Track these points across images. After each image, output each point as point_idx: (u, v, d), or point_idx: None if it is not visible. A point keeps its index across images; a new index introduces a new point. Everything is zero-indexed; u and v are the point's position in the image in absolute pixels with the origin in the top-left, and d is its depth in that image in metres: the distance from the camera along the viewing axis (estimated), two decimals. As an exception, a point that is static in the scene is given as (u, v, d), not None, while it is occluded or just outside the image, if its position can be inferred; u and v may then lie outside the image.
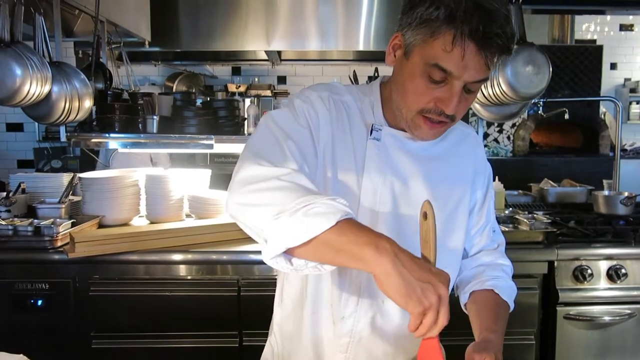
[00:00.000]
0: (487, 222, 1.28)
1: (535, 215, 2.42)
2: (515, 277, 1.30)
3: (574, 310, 2.13)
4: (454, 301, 1.28)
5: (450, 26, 0.96)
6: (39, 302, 2.00)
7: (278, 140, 1.05)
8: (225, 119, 2.58)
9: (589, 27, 5.54)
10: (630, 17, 5.45)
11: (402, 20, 1.05)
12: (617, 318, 2.14)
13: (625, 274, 2.13)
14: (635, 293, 2.15)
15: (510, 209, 2.62)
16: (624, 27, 5.57)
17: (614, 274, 2.13)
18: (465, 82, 1.01)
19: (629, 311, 2.15)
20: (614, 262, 2.15)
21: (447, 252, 1.22)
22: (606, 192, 2.71)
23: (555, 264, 2.13)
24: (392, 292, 0.84)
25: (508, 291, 1.22)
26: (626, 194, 2.54)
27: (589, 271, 2.13)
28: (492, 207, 1.31)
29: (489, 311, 1.16)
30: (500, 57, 1.01)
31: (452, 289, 1.29)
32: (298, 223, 0.86)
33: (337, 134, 1.14)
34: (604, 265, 2.15)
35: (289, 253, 0.88)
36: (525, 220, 2.31)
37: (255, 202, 0.93)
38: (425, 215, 0.93)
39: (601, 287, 2.15)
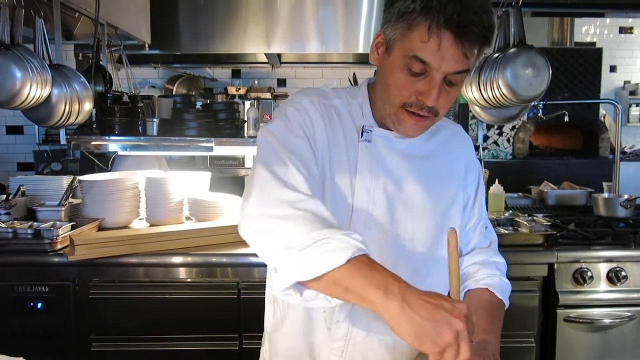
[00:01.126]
0: (480, 219, 1.28)
1: (535, 218, 2.42)
2: (515, 279, 1.30)
3: (574, 312, 2.13)
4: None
5: (426, 17, 0.97)
6: (39, 305, 2.00)
7: (282, 158, 1.04)
8: (225, 122, 2.59)
9: (588, 30, 5.54)
10: (630, 20, 5.45)
11: (384, 18, 1.07)
12: (617, 320, 2.14)
13: (625, 277, 2.13)
14: (635, 295, 2.15)
15: (510, 211, 2.62)
16: (623, 30, 5.57)
17: (614, 277, 2.13)
18: (444, 73, 1.01)
19: (629, 314, 2.15)
20: (614, 265, 2.14)
21: (445, 251, 1.22)
22: (606, 195, 2.71)
23: (555, 266, 2.13)
24: (404, 336, 0.82)
25: (503, 289, 1.22)
26: (626, 196, 2.54)
27: (589, 273, 2.12)
28: (484, 204, 1.31)
29: (484, 311, 1.16)
30: (481, 49, 1.02)
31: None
32: (309, 258, 0.87)
33: (331, 138, 1.14)
34: (604, 268, 2.15)
35: (301, 284, 0.90)
36: (525, 222, 2.31)
37: (269, 231, 0.94)
38: (448, 243, 0.91)
39: (601, 289, 2.15)
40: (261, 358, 1.35)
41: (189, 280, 2.05)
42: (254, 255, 2.02)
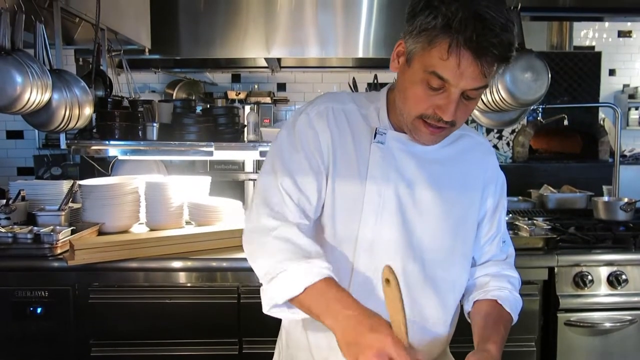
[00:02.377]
0: (498, 232, 1.28)
1: (535, 222, 2.41)
2: (516, 283, 1.30)
3: (574, 316, 2.13)
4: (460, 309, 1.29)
5: (447, 35, 0.98)
6: (38, 310, 1.99)
7: (277, 183, 1.14)
8: (225, 126, 2.59)
9: (587, 34, 5.55)
10: (629, 23, 5.46)
11: (405, 28, 1.07)
12: (618, 324, 2.14)
13: (626, 280, 2.13)
14: (636, 299, 2.15)
15: (510, 215, 2.62)
16: (622, 34, 5.58)
17: (614, 280, 2.13)
18: (462, 89, 1.03)
19: (629, 317, 2.14)
20: (615, 268, 2.14)
21: (457, 258, 1.22)
22: (606, 198, 2.71)
23: (556, 270, 2.13)
24: (342, 352, 0.96)
25: (512, 303, 1.22)
26: (626, 199, 2.54)
27: (590, 277, 2.12)
28: (504, 217, 1.31)
29: (490, 321, 1.17)
30: (499, 66, 1.03)
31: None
32: (277, 286, 1.04)
33: (338, 143, 1.16)
34: (604, 272, 2.15)
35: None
36: (525, 226, 2.31)
37: (253, 254, 1.13)
38: (387, 282, 0.95)
39: (602, 293, 2.15)
40: (276, 349, 1.37)
41: (188, 284, 2.05)
42: (254, 259, 2.02)
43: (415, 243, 1.17)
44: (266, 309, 1.08)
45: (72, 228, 2.12)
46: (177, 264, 2.03)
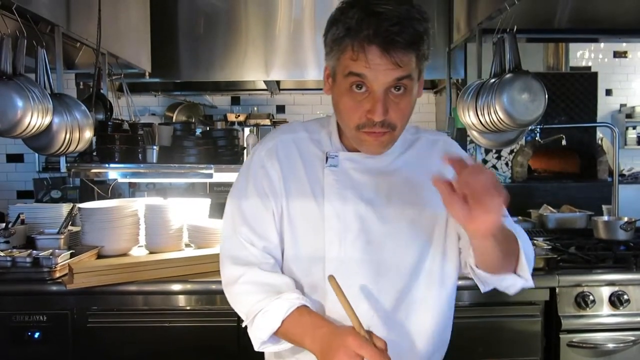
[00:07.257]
0: None
1: (535, 242, 2.40)
2: (516, 304, 1.29)
3: (577, 337, 2.11)
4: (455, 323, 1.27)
5: (348, 37, 1.04)
6: (37, 335, 1.97)
7: (235, 232, 1.21)
8: (224, 149, 2.60)
9: (583, 55, 5.62)
10: (624, 44, 5.53)
11: (325, 52, 1.13)
12: (621, 345, 2.12)
13: (628, 300, 2.11)
14: (638, 319, 2.13)
15: (510, 235, 2.61)
16: (618, 54, 5.65)
17: (616, 300, 2.11)
18: (383, 85, 1.04)
19: (632, 338, 2.12)
20: (616, 288, 2.13)
21: (428, 270, 1.19)
22: (606, 218, 2.71)
23: (557, 290, 2.11)
24: None
25: (523, 239, 1.18)
26: (626, 219, 2.54)
27: (591, 297, 2.11)
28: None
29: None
30: (420, 54, 1.05)
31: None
32: (258, 326, 1.13)
33: (288, 174, 1.20)
34: (606, 292, 2.13)
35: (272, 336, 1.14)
36: (525, 246, 2.30)
37: (233, 304, 1.23)
38: (334, 290, 1.06)
39: (604, 313, 2.13)
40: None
41: (188, 308, 2.04)
42: (254, 282, 2.01)
43: (385, 260, 1.16)
44: (257, 347, 1.15)
45: (71, 251, 2.11)
46: (176, 287, 2.02)
